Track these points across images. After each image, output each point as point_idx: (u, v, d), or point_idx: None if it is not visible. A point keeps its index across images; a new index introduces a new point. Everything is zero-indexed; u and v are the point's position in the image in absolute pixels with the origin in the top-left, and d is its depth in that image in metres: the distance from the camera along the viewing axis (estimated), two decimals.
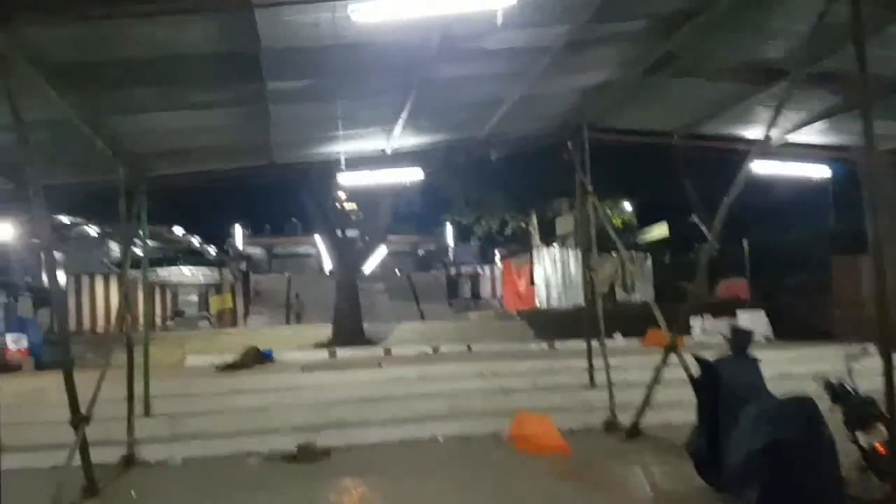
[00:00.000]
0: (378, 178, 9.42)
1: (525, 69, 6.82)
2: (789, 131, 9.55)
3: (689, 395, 9.14)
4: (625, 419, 8.34)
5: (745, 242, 18.24)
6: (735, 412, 4.90)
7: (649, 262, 27.72)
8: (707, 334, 13.93)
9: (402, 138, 8.74)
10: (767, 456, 4.50)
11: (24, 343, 18.75)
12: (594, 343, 9.50)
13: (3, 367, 17.70)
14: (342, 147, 8.68)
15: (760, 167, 10.93)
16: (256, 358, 11.62)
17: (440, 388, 9.40)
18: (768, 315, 14.73)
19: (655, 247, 31.43)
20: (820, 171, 10.91)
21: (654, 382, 7.65)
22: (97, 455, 7.13)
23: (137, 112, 6.62)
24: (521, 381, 9.71)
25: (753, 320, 13.52)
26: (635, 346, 13.61)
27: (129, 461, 7.44)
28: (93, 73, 5.67)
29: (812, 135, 9.97)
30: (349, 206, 45.60)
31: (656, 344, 12.34)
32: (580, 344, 13.55)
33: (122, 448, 7.58)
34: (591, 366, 9.43)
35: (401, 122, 7.94)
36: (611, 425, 8.39)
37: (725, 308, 17.15)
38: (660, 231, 32.59)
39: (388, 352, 13.07)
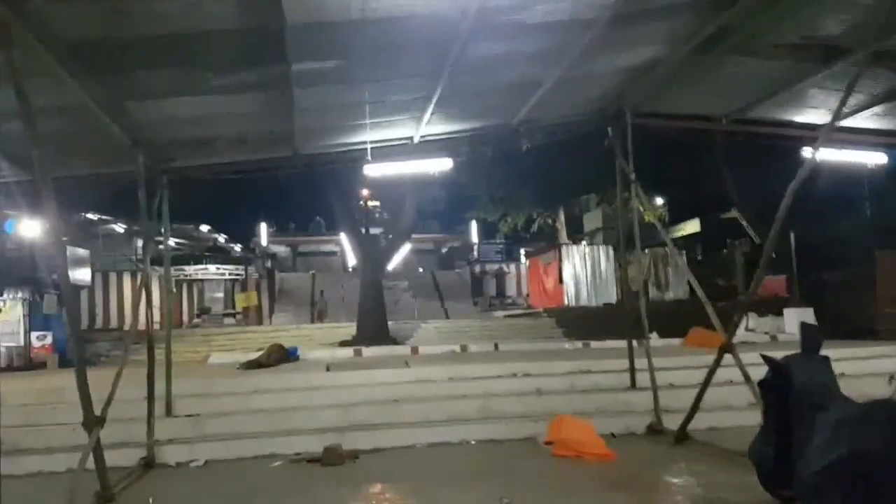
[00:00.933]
0: (405, 169, 8.99)
1: (566, 46, 6.33)
2: (846, 115, 8.92)
3: (736, 397, 8.68)
4: (670, 423, 7.86)
5: (792, 237, 17.44)
6: (811, 416, 4.38)
7: (684, 258, 27.02)
8: (752, 333, 13.33)
9: (430, 126, 8.31)
10: (851, 465, 3.99)
11: (49, 340, 18.80)
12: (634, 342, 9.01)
13: (27, 364, 17.77)
14: (369, 136, 8.27)
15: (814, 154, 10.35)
16: (281, 356, 11.30)
17: (471, 389, 8.95)
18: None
19: (686, 243, 30.71)
20: (874, 159, 10.23)
21: (706, 384, 7.13)
22: (116, 458, 6.86)
23: (156, 97, 6.26)
24: (556, 383, 9.22)
25: (801, 318, 12.86)
26: (674, 345, 13.04)
27: (148, 464, 7.13)
28: (106, 52, 5.33)
29: (866, 119, 9.34)
30: (373, 203, 45.56)
31: (699, 343, 11.80)
32: (616, 343, 13.04)
33: (142, 450, 7.28)
34: (632, 366, 8.92)
35: (431, 107, 7.49)
36: (655, 429, 7.89)
37: (769, 306, 16.51)
38: (691, 227, 31.86)
39: (415, 350, 12.68)
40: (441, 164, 8.83)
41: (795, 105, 8.85)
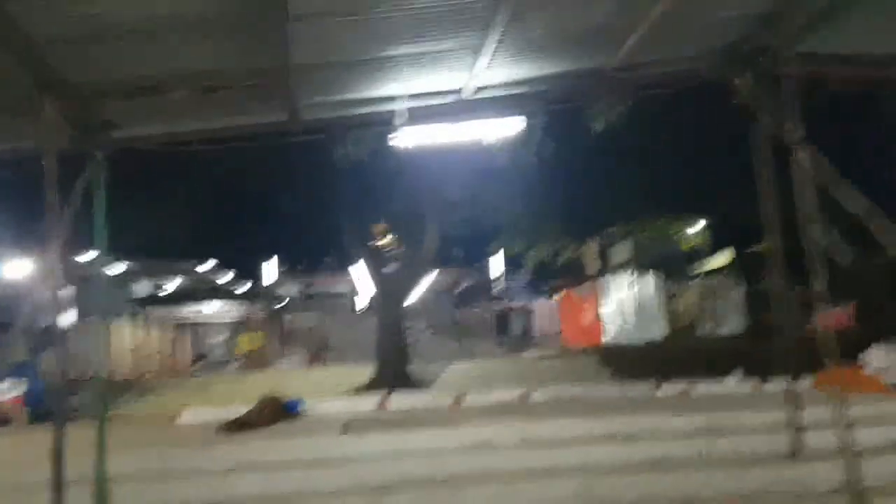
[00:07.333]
0: (451, 135, 6.24)
1: None
2: None
3: None
4: None
5: None
6: None
7: (738, 290, 24.28)
8: (887, 371, 10.41)
9: (494, 67, 5.58)
10: None
11: (18, 391, 16.23)
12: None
13: None
14: (401, 87, 5.62)
15: None
16: (277, 411, 8.42)
17: (557, 460, 6.05)
18: None
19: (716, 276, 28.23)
20: None
21: None
22: None
23: None
24: (676, 448, 6.30)
25: None
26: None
27: None
28: None
29: None
30: (386, 240, 43.67)
31: (841, 385, 8.91)
32: (724, 388, 10.29)
33: None
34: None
35: (500, 23, 4.79)
36: None
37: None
38: (721, 259, 29.26)
39: (458, 400, 9.75)
40: (504, 128, 6.06)
41: None
